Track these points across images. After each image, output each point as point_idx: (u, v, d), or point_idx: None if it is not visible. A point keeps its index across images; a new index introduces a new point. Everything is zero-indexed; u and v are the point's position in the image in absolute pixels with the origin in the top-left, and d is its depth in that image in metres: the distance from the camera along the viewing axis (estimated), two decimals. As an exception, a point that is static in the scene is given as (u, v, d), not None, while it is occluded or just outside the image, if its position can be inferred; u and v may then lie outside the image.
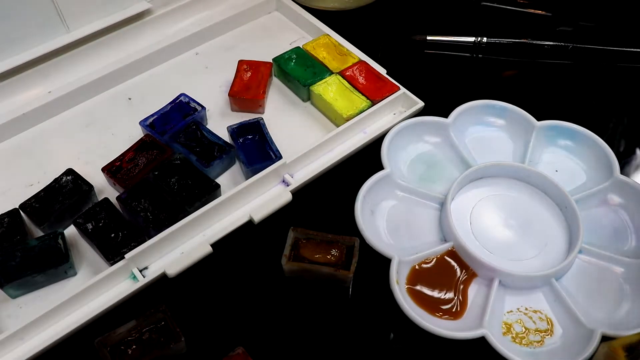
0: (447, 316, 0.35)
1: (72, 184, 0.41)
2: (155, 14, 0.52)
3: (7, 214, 0.39)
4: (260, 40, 0.55)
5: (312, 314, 0.37)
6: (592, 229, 0.39)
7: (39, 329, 0.35)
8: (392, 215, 0.40)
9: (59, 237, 0.38)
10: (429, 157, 0.44)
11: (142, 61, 0.51)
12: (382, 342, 0.36)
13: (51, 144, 0.46)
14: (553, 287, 0.36)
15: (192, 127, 0.45)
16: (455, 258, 0.37)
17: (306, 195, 0.43)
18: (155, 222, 0.39)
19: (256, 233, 0.41)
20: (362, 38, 0.54)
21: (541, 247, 0.38)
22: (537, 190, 0.41)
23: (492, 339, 0.33)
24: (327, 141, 0.44)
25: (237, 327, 0.36)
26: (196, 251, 0.38)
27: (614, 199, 0.40)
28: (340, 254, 0.37)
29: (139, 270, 0.38)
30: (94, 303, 0.37)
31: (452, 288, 0.36)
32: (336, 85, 0.48)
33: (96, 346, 0.33)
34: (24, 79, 0.47)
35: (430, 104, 0.47)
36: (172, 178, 0.41)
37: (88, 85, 0.48)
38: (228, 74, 0.50)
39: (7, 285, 0.36)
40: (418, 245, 0.38)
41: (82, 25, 0.48)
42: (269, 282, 0.38)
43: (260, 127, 0.45)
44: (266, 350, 0.35)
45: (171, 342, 0.33)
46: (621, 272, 0.37)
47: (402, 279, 0.36)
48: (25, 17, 0.44)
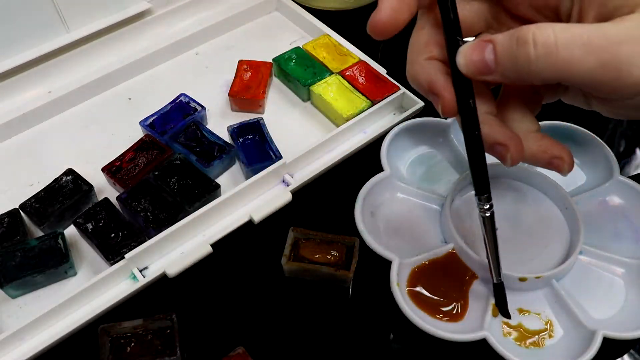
0: (448, 318, 0.35)
1: (72, 184, 0.41)
2: (155, 14, 0.52)
3: (7, 214, 0.39)
4: (260, 40, 0.55)
5: (312, 314, 0.37)
6: (592, 230, 0.39)
7: (39, 329, 0.35)
8: (392, 217, 0.40)
9: (59, 237, 0.38)
10: (429, 158, 0.44)
11: (142, 61, 0.51)
12: (382, 343, 0.36)
13: (51, 144, 0.46)
14: (553, 288, 0.36)
15: (192, 127, 0.45)
16: (455, 260, 0.37)
17: (306, 195, 0.43)
18: (155, 222, 0.39)
19: (256, 233, 0.41)
20: (362, 38, 0.54)
21: (541, 248, 0.38)
22: (538, 191, 0.41)
23: (493, 340, 0.32)
24: (327, 141, 0.44)
25: (237, 327, 0.36)
26: (196, 251, 0.38)
27: (614, 199, 0.40)
28: (340, 254, 0.37)
29: (139, 270, 0.38)
30: (94, 303, 0.37)
31: (452, 290, 0.36)
32: (336, 85, 0.48)
33: (99, 332, 0.33)
34: (24, 79, 0.47)
35: (430, 104, 0.47)
36: (172, 178, 0.41)
37: (88, 85, 0.48)
38: (228, 74, 0.50)
39: (7, 285, 0.36)
40: (418, 247, 0.38)
41: (82, 25, 0.48)
42: (269, 282, 0.38)
43: (260, 127, 0.45)
44: (266, 350, 0.35)
45: (168, 351, 0.33)
46: (622, 273, 0.37)
47: (402, 281, 0.36)
48: (25, 17, 0.44)
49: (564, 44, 0.23)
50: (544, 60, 0.23)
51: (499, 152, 0.28)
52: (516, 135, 0.28)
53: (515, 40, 0.24)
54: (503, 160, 0.28)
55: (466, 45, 0.26)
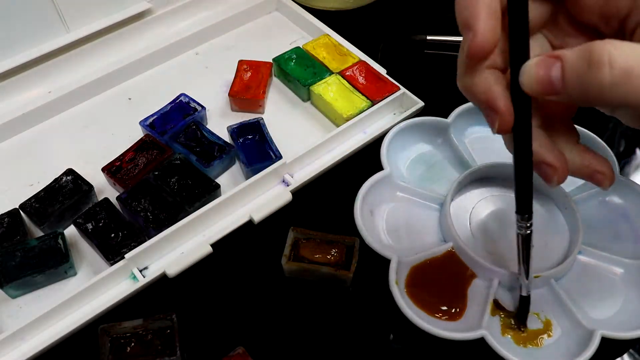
0: (447, 317, 0.35)
1: (72, 184, 0.41)
2: (155, 14, 0.52)
3: (7, 214, 0.39)
4: (260, 40, 0.55)
5: (312, 314, 0.37)
6: (591, 230, 0.39)
7: (39, 329, 0.35)
8: (392, 216, 0.40)
9: (59, 237, 0.38)
10: (429, 157, 0.44)
11: (142, 61, 0.51)
12: (382, 343, 0.36)
13: (51, 144, 0.46)
14: (552, 288, 0.36)
15: (192, 127, 0.45)
16: (454, 259, 0.37)
17: (306, 195, 0.43)
18: (155, 222, 0.39)
19: (256, 233, 0.41)
20: (362, 38, 0.54)
21: (541, 248, 0.38)
22: (537, 191, 0.41)
23: (491, 339, 0.33)
24: (327, 141, 0.44)
25: (237, 327, 0.37)
26: (196, 251, 0.38)
27: (613, 200, 0.40)
28: (340, 254, 0.38)
29: (139, 270, 0.38)
30: (94, 303, 0.37)
31: (451, 289, 0.36)
32: (336, 85, 0.48)
33: (99, 332, 0.33)
34: (24, 79, 0.47)
35: (430, 104, 0.47)
36: (172, 178, 0.41)
37: (88, 85, 0.49)
38: (228, 74, 0.50)
39: (7, 285, 0.36)
40: (417, 246, 0.38)
41: (82, 25, 0.48)
42: (269, 282, 0.38)
43: (260, 127, 0.45)
44: (266, 350, 0.35)
45: (168, 351, 0.33)
46: (621, 273, 0.37)
47: (401, 279, 0.36)
48: (25, 17, 0.44)
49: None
50: (620, 87, 0.21)
51: (545, 173, 0.27)
52: (563, 156, 0.27)
53: (588, 62, 0.21)
54: (548, 181, 0.27)
55: (531, 62, 0.24)
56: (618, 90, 0.21)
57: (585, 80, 0.22)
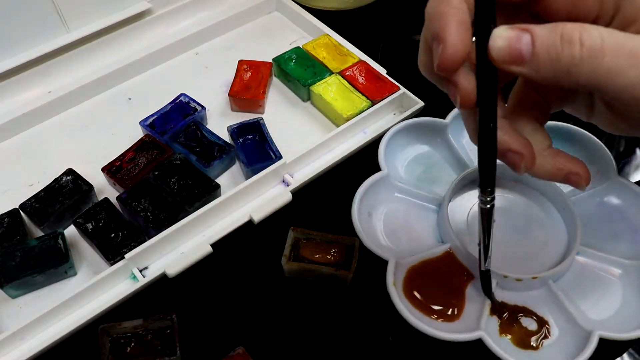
0: (444, 318, 0.35)
1: (72, 184, 0.41)
2: (155, 14, 0.52)
3: (7, 214, 0.39)
4: (260, 40, 0.55)
5: (312, 314, 0.37)
6: (590, 231, 0.39)
7: (39, 329, 0.35)
8: (390, 217, 0.40)
9: (59, 237, 0.38)
10: (427, 158, 0.44)
11: (142, 61, 0.51)
12: (381, 343, 0.36)
13: (51, 144, 0.46)
14: (550, 288, 0.36)
15: (192, 127, 0.45)
16: (452, 260, 0.38)
17: (306, 195, 0.43)
18: (155, 222, 0.39)
19: (256, 233, 0.41)
20: (362, 38, 0.54)
21: (539, 248, 0.39)
22: (535, 192, 0.42)
23: (489, 340, 0.33)
24: (327, 141, 0.44)
25: (237, 327, 0.37)
26: (196, 251, 0.38)
27: (612, 200, 0.40)
28: (340, 254, 0.38)
29: (139, 270, 0.38)
30: (94, 303, 0.37)
31: (449, 290, 0.36)
32: (336, 85, 0.48)
33: (99, 332, 0.33)
34: (24, 79, 0.47)
35: (430, 104, 0.47)
36: (172, 178, 0.41)
37: (88, 85, 0.49)
38: (228, 74, 0.50)
39: (7, 285, 0.36)
40: (415, 247, 0.38)
41: (82, 25, 0.48)
42: (269, 282, 0.38)
43: (260, 127, 0.45)
44: (266, 350, 0.35)
45: (168, 351, 0.33)
46: (619, 273, 0.37)
47: (399, 281, 0.36)
48: (25, 17, 0.44)
49: (610, 51, 0.21)
50: (588, 64, 0.22)
51: (512, 160, 0.27)
52: (528, 143, 0.27)
53: (559, 36, 0.22)
54: (516, 168, 0.27)
55: (502, 28, 0.23)
56: (587, 67, 0.22)
57: (555, 55, 0.22)
